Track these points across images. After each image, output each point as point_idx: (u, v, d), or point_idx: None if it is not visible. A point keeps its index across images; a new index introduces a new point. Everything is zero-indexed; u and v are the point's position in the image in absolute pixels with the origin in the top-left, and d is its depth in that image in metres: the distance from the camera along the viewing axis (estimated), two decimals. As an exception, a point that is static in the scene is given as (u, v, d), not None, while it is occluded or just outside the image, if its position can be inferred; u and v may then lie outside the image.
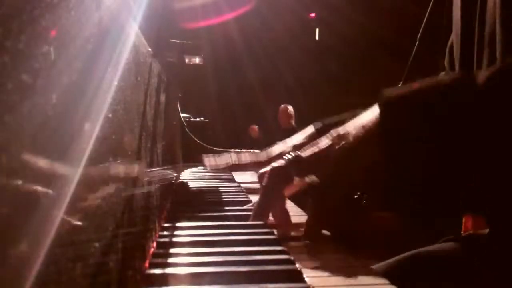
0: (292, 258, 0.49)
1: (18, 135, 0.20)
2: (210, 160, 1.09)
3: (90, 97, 0.31)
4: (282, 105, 4.90)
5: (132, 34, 0.48)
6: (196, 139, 1.49)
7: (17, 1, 0.20)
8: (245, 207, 0.76)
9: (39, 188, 0.22)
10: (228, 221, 0.65)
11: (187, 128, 1.48)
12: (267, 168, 0.63)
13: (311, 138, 0.64)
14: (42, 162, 0.23)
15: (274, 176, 0.62)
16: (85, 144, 0.29)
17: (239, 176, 1.19)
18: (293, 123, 4.62)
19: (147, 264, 0.47)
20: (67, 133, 0.27)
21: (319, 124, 0.68)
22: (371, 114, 0.56)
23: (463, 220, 0.76)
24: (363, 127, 0.55)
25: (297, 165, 0.60)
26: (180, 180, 1.12)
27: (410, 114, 0.54)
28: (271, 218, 0.65)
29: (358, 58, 5.66)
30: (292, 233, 0.62)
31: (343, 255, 0.54)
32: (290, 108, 4.88)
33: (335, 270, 0.48)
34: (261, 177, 0.65)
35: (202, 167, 1.37)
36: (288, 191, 0.64)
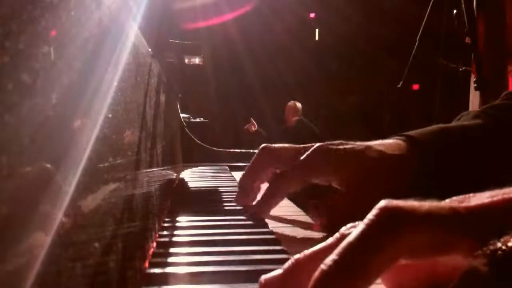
0: (291, 257, 0.48)
1: (17, 135, 0.20)
2: None
3: (90, 97, 0.31)
4: (291, 101, 4.82)
5: (132, 34, 0.48)
6: (196, 139, 1.49)
7: (17, 1, 0.21)
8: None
9: (38, 188, 0.23)
10: (228, 220, 0.65)
11: (187, 128, 1.48)
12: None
13: None
14: (41, 162, 0.23)
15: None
16: (84, 144, 0.30)
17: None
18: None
19: (147, 264, 0.47)
20: (67, 133, 0.27)
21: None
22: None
23: None
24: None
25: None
26: (180, 180, 1.12)
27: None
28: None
29: (358, 58, 5.66)
30: (292, 233, 0.62)
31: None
32: (298, 104, 4.78)
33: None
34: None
35: (201, 167, 1.37)
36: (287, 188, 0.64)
